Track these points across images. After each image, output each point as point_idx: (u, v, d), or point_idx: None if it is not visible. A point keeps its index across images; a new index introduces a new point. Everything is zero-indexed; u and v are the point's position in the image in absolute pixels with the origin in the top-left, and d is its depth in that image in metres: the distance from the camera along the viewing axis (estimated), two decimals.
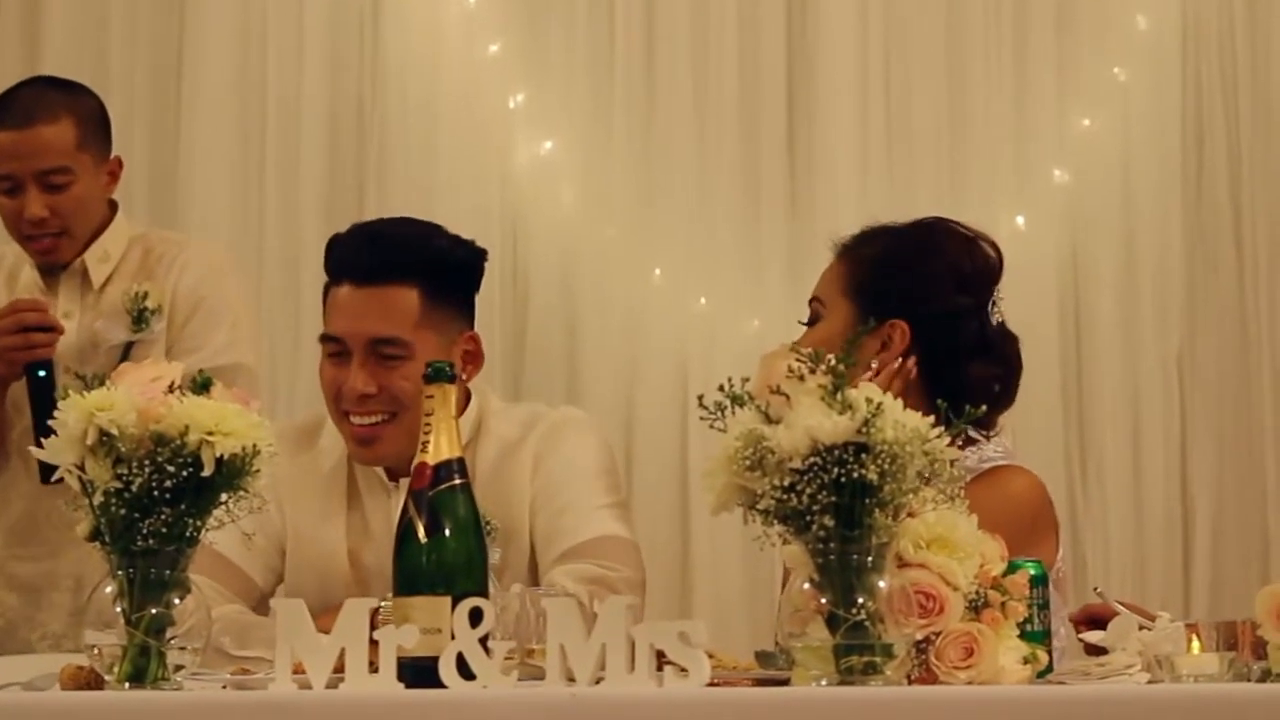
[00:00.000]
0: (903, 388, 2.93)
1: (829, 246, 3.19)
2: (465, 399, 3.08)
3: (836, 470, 1.96)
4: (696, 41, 4.87)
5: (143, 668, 2.06)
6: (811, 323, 3.10)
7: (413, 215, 4.52)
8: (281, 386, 4.58)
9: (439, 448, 2.12)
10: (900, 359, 3.02)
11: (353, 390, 3.02)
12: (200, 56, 4.84)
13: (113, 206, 3.76)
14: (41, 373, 3.52)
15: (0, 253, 3.84)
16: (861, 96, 4.86)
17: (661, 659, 1.91)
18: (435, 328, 3.05)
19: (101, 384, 2.13)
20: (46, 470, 2.14)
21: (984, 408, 2.45)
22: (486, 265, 3.23)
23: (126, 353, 3.60)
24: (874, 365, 3.01)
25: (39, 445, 2.14)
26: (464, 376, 3.04)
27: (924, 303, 3.05)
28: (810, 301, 3.13)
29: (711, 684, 1.91)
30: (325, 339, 3.08)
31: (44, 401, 3.43)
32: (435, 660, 1.92)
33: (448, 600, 2.01)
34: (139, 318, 3.63)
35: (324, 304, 3.11)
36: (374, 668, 1.94)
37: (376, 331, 3.02)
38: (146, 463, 2.06)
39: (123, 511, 2.06)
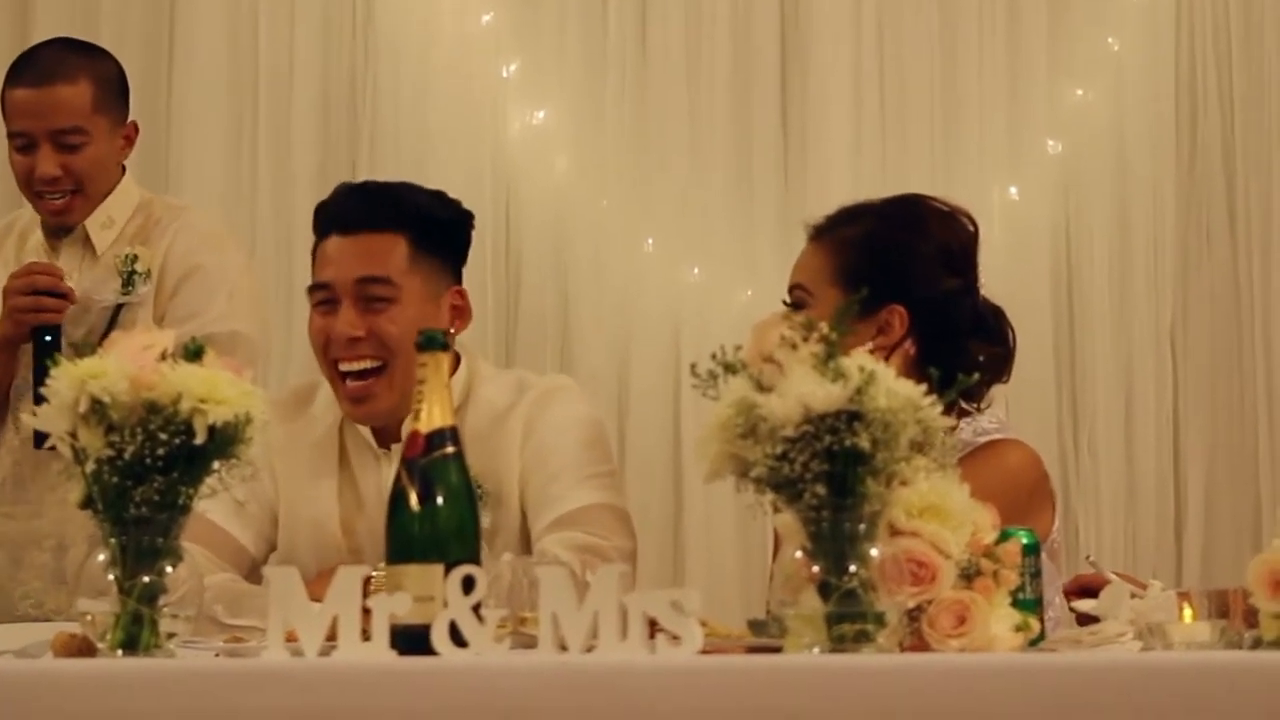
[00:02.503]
0: (903, 370, 2.93)
1: (804, 229, 3.16)
2: (455, 362, 3.08)
3: (829, 438, 1.96)
4: (690, 10, 4.86)
5: (135, 635, 2.06)
6: (796, 308, 3.00)
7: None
8: (275, 355, 4.57)
9: (431, 416, 2.12)
10: (899, 343, 3.01)
11: (340, 334, 3.04)
12: (192, 26, 4.84)
13: (121, 171, 3.77)
14: (48, 337, 3.53)
15: (14, 215, 3.87)
16: (855, 66, 4.85)
17: (654, 627, 1.91)
18: (423, 276, 3.07)
19: (93, 352, 2.13)
20: (40, 437, 2.14)
21: (976, 376, 2.46)
22: (479, 234, 3.23)
23: (116, 314, 3.62)
24: (866, 347, 2.99)
25: (36, 409, 2.13)
26: (453, 330, 3.06)
27: (917, 285, 3.03)
28: (792, 289, 3.08)
29: (704, 652, 1.91)
30: (313, 288, 3.10)
31: (44, 368, 3.45)
32: (428, 628, 1.92)
33: (440, 568, 2.01)
34: (127, 280, 3.65)
35: (313, 263, 3.13)
36: (367, 636, 1.94)
37: (363, 271, 3.05)
38: (139, 431, 2.05)
39: (115, 479, 2.05)
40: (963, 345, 3.03)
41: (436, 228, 3.12)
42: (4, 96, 3.69)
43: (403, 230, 3.06)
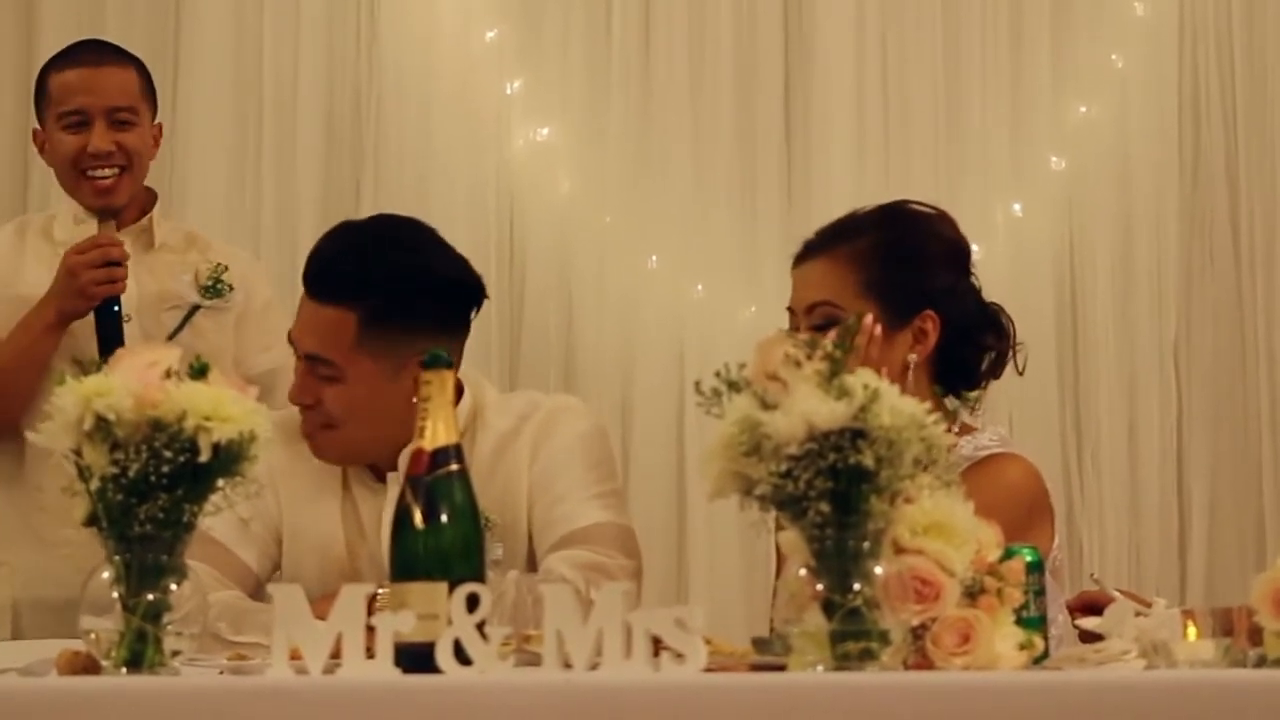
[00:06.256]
0: (922, 370, 2.96)
1: (804, 245, 3.13)
2: (458, 394, 3.06)
3: (833, 456, 1.96)
4: (693, 28, 4.87)
5: (139, 653, 2.06)
6: (825, 327, 2.94)
7: (409, 203, 4.57)
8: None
9: (436, 434, 2.12)
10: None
11: (290, 394, 3.09)
12: (196, 44, 4.84)
13: (152, 193, 3.87)
14: (115, 308, 3.62)
15: (22, 220, 3.94)
16: (858, 83, 4.86)
17: (658, 645, 1.91)
18: (374, 355, 3.00)
19: (98, 370, 2.13)
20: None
21: (977, 393, 2.47)
22: (484, 250, 3.21)
23: (190, 315, 3.74)
24: (912, 359, 3.01)
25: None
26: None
27: (941, 287, 3.06)
28: (817, 305, 3.05)
29: (708, 670, 1.91)
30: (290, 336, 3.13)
31: (113, 337, 3.57)
32: (432, 646, 1.92)
33: (444, 586, 2.01)
34: (213, 287, 3.76)
35: None
36: (371, 654, 1.94)
37: (309, 348, 3.05)
38: (143, 448, 2.05)
39: (120, 497, 2.05)
40: (979, 341, 3.07)
41: (399, 305, 3.01)
42: (50, 81, 3.78)
43: (353, 307, 3.00)
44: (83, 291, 3.61)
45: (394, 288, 3.02)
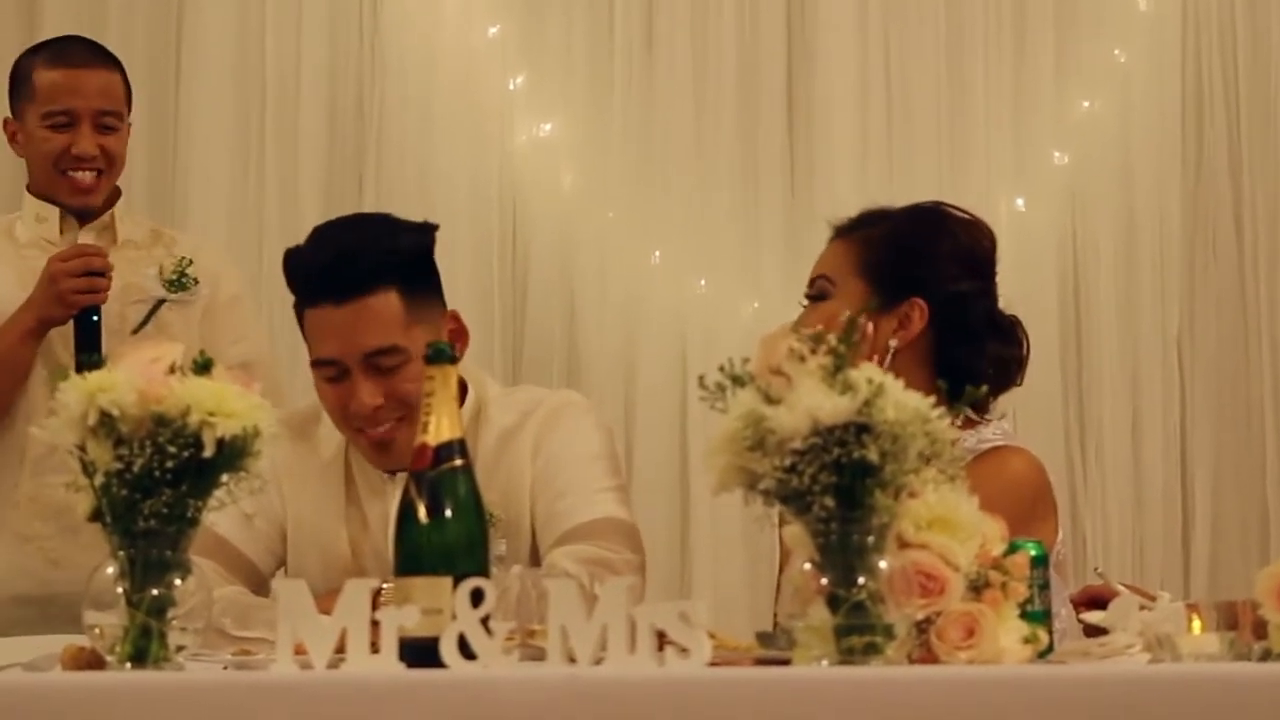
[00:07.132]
0: (920, 365, 2.97)
1: (829, 227, 3.21)
2: (462, 390, 3.05)
3: (837, 450, 1.96)
4: (696, 23, 4.87)
5: (144, 648, 2.06)
6: (817, 298, 3.11)
7: (412, 198, 4.58)
8: (282, 369, 4.57)
9: (440, 429, 2.12)
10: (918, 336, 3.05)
11: (362, 406, 2.99)
12: (199, 39, 4.85)
13: (115, 189, 3.85)
14: (94, 318, 3.62)
15: None
16: (861, 78, 4.86)
17: (662, 639, 1.91)
18: (422, 321, 3.01)
19: (101, 365, 2.13)
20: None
21: (985, 388, 2.47)
22: (486, 246, 3.21)
23: (155, 309, 3.74)
24: (893, 344, 3.03)
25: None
26: (457, 356, 3.02)
27: (938, 284, 3.09)
28: (816, 279, 3.14)
29: (712, 664, 1.91)
30: (320, 364, 3.03)
31: (91, 346, 3.57)
32: (436, 640, 1.92)
33: (449, 581, 2.01)
34: (178, 281, 3.75)
35: (301, 325, 3.06)
36: (375, 648, 1.94)
37: (369, 345, 2.98)
38: (147, 444, 2.06)
39: (124, 492, 2.06)
40: (979, 345, 3.07)
41: (420, 264, 3.05)
42: (36, 78, 3.77)
43: (393, 283, 2.99)
44: (62, 298, 3.61)
45: (411, 252, 3.04)
